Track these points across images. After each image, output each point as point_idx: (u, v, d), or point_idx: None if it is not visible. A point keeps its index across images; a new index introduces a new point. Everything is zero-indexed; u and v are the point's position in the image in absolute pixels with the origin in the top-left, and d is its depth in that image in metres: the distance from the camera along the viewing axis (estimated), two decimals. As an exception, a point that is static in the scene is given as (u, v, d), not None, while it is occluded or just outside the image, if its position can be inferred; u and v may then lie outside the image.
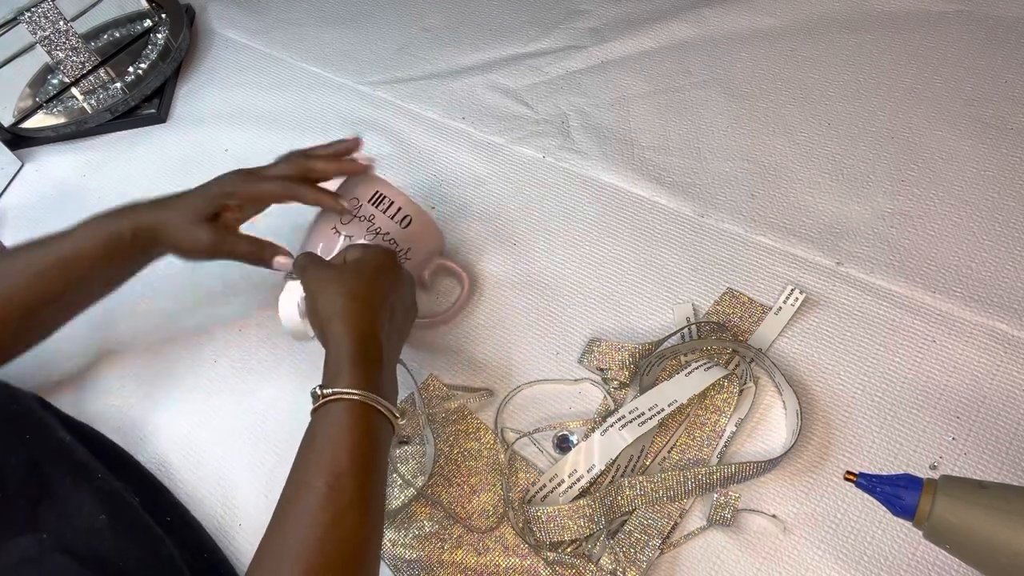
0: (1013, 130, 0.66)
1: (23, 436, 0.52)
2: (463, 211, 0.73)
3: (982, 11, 0.76)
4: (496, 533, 0.52)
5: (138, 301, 0.71)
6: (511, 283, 0.66)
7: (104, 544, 0.47)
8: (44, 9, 0.88)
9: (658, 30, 0.84)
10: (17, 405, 0.55)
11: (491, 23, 0.92)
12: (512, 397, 0.59)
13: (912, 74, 0.73)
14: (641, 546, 0.50)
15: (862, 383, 0.55)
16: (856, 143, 0.69)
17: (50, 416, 0.57)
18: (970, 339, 0.55)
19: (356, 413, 0.44)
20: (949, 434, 0.52)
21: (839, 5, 0.81)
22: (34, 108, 0.94)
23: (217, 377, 0.65)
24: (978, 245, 0.60)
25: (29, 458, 0.50)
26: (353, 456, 0.43)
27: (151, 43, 0.98)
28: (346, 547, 0.40)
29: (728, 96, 0.76)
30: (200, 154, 0.86)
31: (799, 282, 0.61)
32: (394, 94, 0.87)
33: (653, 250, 0.66)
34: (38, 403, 0.59)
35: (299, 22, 1.00)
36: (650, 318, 0.62)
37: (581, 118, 0.78)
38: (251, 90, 0.93)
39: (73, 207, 0.84)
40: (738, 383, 0.55)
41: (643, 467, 0.54)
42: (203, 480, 0.59)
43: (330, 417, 0.44)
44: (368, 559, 0.42)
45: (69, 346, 0.69)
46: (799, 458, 0.52)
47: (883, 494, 0.39)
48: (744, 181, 0.69)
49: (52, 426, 0.55)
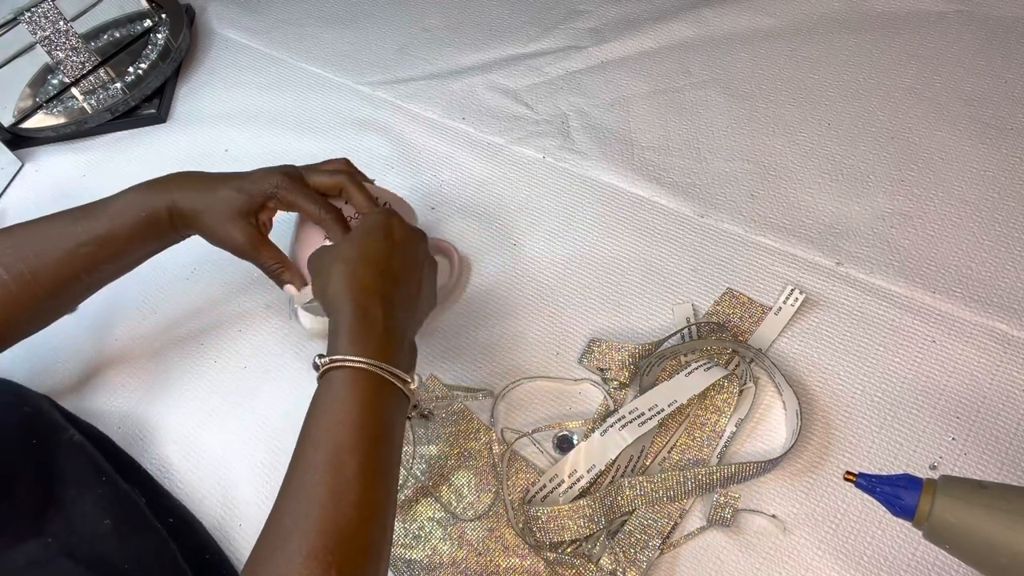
0: (1013, 130, 0.67)
1: (32, 439, 0.52)
2: (463, 211, 0.73)
3: (982, 11, 0.76)
4: (496, 533, 0.52)
5: (139, 302, 0.71)
6: (511, 283, 0.67)
7: (108, 548, 0.47)
8: (44, 9, 0.88)
9: (658, 30, 0.84)
10: (28, 407, 0.55)
11: (491, 23, 0.92)
12: (512, 396, 0.59)
13: (912, 74, 0.73)
14: (641, 546, 0.50)
15: (862, 383, 0.55)
16: (856, 143, 0.69)
17: (59, 417, 0.57)
18: (970, 339, 0.55)
19: (356, 381, 0.41)
20: (949, 434, 0.52)
21: (839, 5, 0.81)
22: (34, 108, 0.94)
23: (217, 377, 0.65)
24: (978, 245, 0.60)
25: (38, 461, 0.50)
26: (353, 428, 0.40)
27: (151, 43, 0.98)
28: (349, 527, 0.37)
29: (728, 96, 0.76)
30: (200, 154, 0.86)
31: (799, 282, 0.61)
32: (394, 94, 0.87)
33: (653, 250, 0.66)
34: (48, 403, 0.59)
35: (299, 22, 1.00)
36: (650, 318, 0.62)
37: (581, 118, 0.78)
38: (251, 90, 0.93)
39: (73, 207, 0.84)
40: (738, 383, 0.55)
41: (643, 467, 0.54)
42: (203, 480, 0.59)
43: (329, 386, 0.42)
44: (374, 539, 0.39)
45: (70, 348, 0.69)
46: (799, 458, 0.52)
47: (883, 494, 0.39)
48: (744, 181, 0.69)
49: (62, 427, 0.55)
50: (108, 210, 0.54)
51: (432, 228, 0.72)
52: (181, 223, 0.55)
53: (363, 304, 0.44)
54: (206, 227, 0.54)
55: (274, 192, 0.54)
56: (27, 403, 0.55)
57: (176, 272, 0.72)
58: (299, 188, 0.54)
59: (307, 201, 0.54)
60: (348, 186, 0.55)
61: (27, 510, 0.47)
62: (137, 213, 0.54)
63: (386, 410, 0.42)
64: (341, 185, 0.55)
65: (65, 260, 0.53)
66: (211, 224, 0.54)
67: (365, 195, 0.55)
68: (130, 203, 0.54)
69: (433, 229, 0.72)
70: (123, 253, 0.55)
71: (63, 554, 0.45)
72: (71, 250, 0.53)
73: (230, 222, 0.54)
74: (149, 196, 0.54)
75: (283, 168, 0.55)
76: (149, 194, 0.54)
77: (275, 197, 0.54)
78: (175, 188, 0.54)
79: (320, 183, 0.55)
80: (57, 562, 0.44)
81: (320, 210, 0.53)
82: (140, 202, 0.54)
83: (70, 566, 0.44)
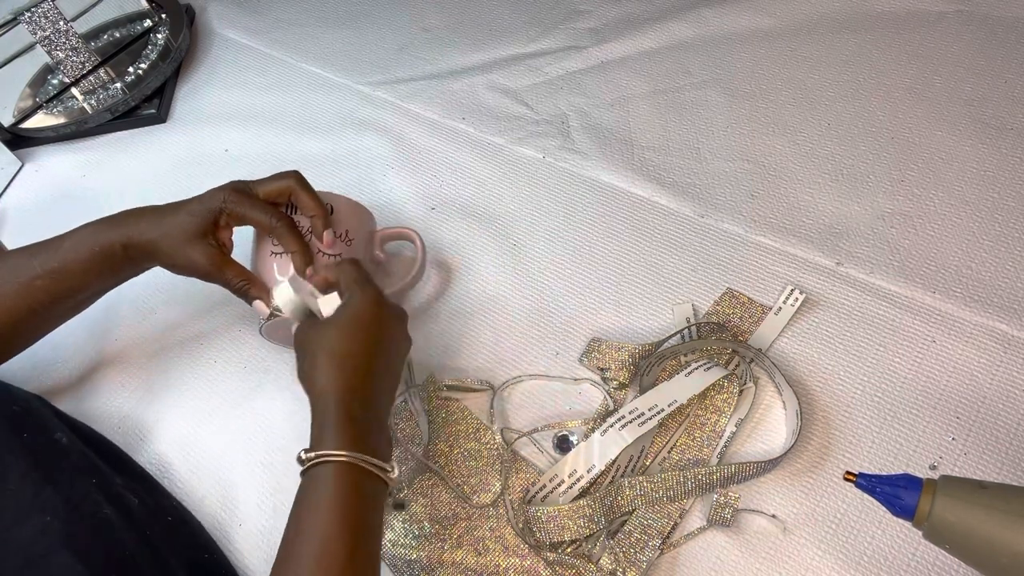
0: (1013, 130, 0.67)
1: (22, 435, 0.52)
2: (463, 211, 0.73)
3: (982, 11, 0.76)
4: (496, 533, 0.52)
5: (138, 302, 0.71)
6: (511, 283, 0.66)
7: (110, 537, 0.47)
8: (44, 9, 0.88)
9: (658, 30, 0.84)
10: (17, 405, 0.55)
11: (491, 23, 0.92)
12: (512, 395, 0.59)
13: (912, 74, 0.73)
14: (641, 546, 0.50)
15: (862, 383, 0.55)
16: (856, 143, 0.69)
17: (50, 416, 0.57)
18: (970, 339, 0.55)
19: (342, 475, 0.43)
20: (949, 434, 0.52)
21: (839, 5, 0.81)
22: (34, 108, 0.94)
23: (217, 377, 0.65)
24: (978, 245, 0.60)
25: (30, 457, 0.50)
26: (340, 520, 0.41)
27: (151, 43, 0.98)
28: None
29: (728, 96, 0.76)
30: (200, 154, 0.86)
31: (799, 282, 0.61)
32: (394, 94, 0.87)
33: (653, 250, 0.66)
34: (40, 402, 0.59)
35: (299, 22, 1.00)
36: (650, 318, 0.62)
37: (581, 118, 0.78)
38: (251, 90, 0.93)
39: (73, 207, 0.84)
40: (738, 383, 0.55)
41: (643, 467, 0.54)
42: (203, 480, 0.59)
43: (316, 481, 0.43)
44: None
45: (69, 347, 0.69)
46: (799, 458, 0.52)
47: (883, 494, 0.39)
48: (744, 181, 0.69)
49: (51, 427, 0.55)
50: (63, 244, 0.55)
51: (432, 228, 0.72)
52: (140, 256, 0.55)
53: (347, 402, 0.45)
54: (165, 255, 0.55)
55: (223, 207, 0.54)
56: (16, 402, 0.55)
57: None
58: (247, 200, 0.54)
59: (257, 211, 0.54)
60: (296, 190, 0.56)
61: (24, 491, 0.48)
62: (91, 248, 0.54)
63: (370, 500, 0.44)
64: (289, 190, 0.56)
65: (21, 293, 0.54)
66: (169, 251, 0.54)
67: (313, 198, 0.56)
68: (84, 239, 0.54)
69: (433, 229, 0.72)
70: (78, 288, 0.56)
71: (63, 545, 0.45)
72: (26, 283, 0.54)
73: (188, 246, 0.54)
74: (102, 231, 0.55)
75: (231, 184, 0.56)
76: (103, 229, 0.55)
77: (224, 212, 0.54)
78: (130, 223, 0.55)
79: (268, 191, 0.56)
80: (57, 558, 0.45)
81: (271, 219, 0.54)
82: (93, 238, 0.54)
83: (69, 562, 0.44)
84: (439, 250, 0.70)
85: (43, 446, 0.52)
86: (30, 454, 0.50)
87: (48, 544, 0.45)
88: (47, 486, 0.48)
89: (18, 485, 0.48)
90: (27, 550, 0.45)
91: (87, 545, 0.46)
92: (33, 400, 0.58)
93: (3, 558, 0.44)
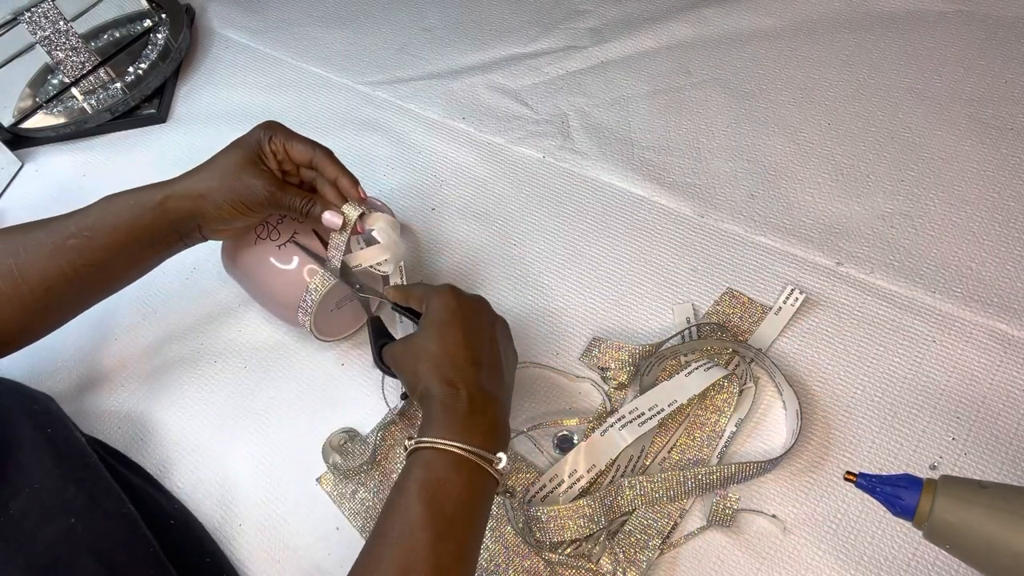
0: (1013, 130, 0.67)
1: (46, 431, 0.52)
2: (463, 211, 0.73)
3: (982, 11, 0.76)
4: (496, 533, 0.52)
5: (139, 302, 0.71)
6: (511, 283, 0.66)
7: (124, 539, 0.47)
8: (44, 9, 0.88)
9: (658, 30, 0.84)
10: (37, 405, 0.55)
11: (491, 23, 0.92)
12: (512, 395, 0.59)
13: (912, 74, 0.73)
14: (641, 546, 0.50)
15: (862, 383, 0.55)
16: (856, 143, 0.69)
17: (64, 415, 0.57)
18: (970, 339, 0.55)
19: (435, 462, 0.42)
20: (949, 434, 0.52)
21: (839, 5, 0.81)
22: (34, 108, 0.94)
23: (217, 377, 0.65)
24: (978, 245, 0.60)
25: (56, 454, 0.50)
26: (427, 508, 0.40)
27: (151, 43, 0.98)
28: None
29: (728, 96, 0.76)
30: (200, 154, 0.84)
31: (799, 282, 0.61)
32: (394, 94, 0.87)
33: (653, 250, 0.66)
34: (52, 402, 0.59)
35: (299, 22, 1.00)
36: (650, 318, 0.62)
37: (581, 118, 0.78)
38: (251, 90, 0.93)
39: (73, 207, 0.83)
40: (738, 383, 0.55)
41: (643, 467, 0.54)
42: (203, 480, 0.59)
43: (411, 466, 0.43)
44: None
45: (70, 347, 0.69)
46: (799, 458, 0.52)
47: (883, 494, 0.39)
48: (744, 181, 0.69)
49: (70, 425, 0.55)
50: (98, 203, 0.54)
51: (432, 228, 0.72)
52: (180, 212, 0.53)
53: (450, 401, 0.44)
54: (217, 196, 0.52)
55: (269, 134, 0.54)
56: (36, 401, 0.55)
57: (176, 272, 0.73)
58: (287, 129, 0.55)
59: (298, 139, 0.55)
60: (321, 157, 0.55)
61: (48, 489, 0.48)
62: (127, 202, 0.53)
63: (464, 489, 0.42)
64: (313, 156, 0.55)
65: (55, 252, 0.52)
66: (222, 189, 0.52)
67: (337, 164, 0.55)
68: (120, 197, 0.54)
69: (433, 229, 0.72)
70: (111, 252, 0.53)
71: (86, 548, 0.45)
72: (60, 243, 0.52)
73: (243, 173, 0.53)
74: (140, 190, 0.54)
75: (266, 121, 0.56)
76: (139, 191, 0.54)
77: (271, 139, 0.54)
78: (167, 181, 0.54)
79: (297, 146, 0.55)
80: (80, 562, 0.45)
81: (312, 147, 0.54)
82: (130, 194, 0.53)
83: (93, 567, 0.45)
84: (439, 250, 0.70)
85: (65, 442, 0.52)
86: (55, 451, 0.50)
87: (71, 549, 0.45)
88: (70, 484, 0.48)
89: (43, 483, 0.48)
90: (52, 550, 0.45)
91: (110, 546, 0.46)
92: (47, 399, 0.58)
93: (30, 556, 0.44)
